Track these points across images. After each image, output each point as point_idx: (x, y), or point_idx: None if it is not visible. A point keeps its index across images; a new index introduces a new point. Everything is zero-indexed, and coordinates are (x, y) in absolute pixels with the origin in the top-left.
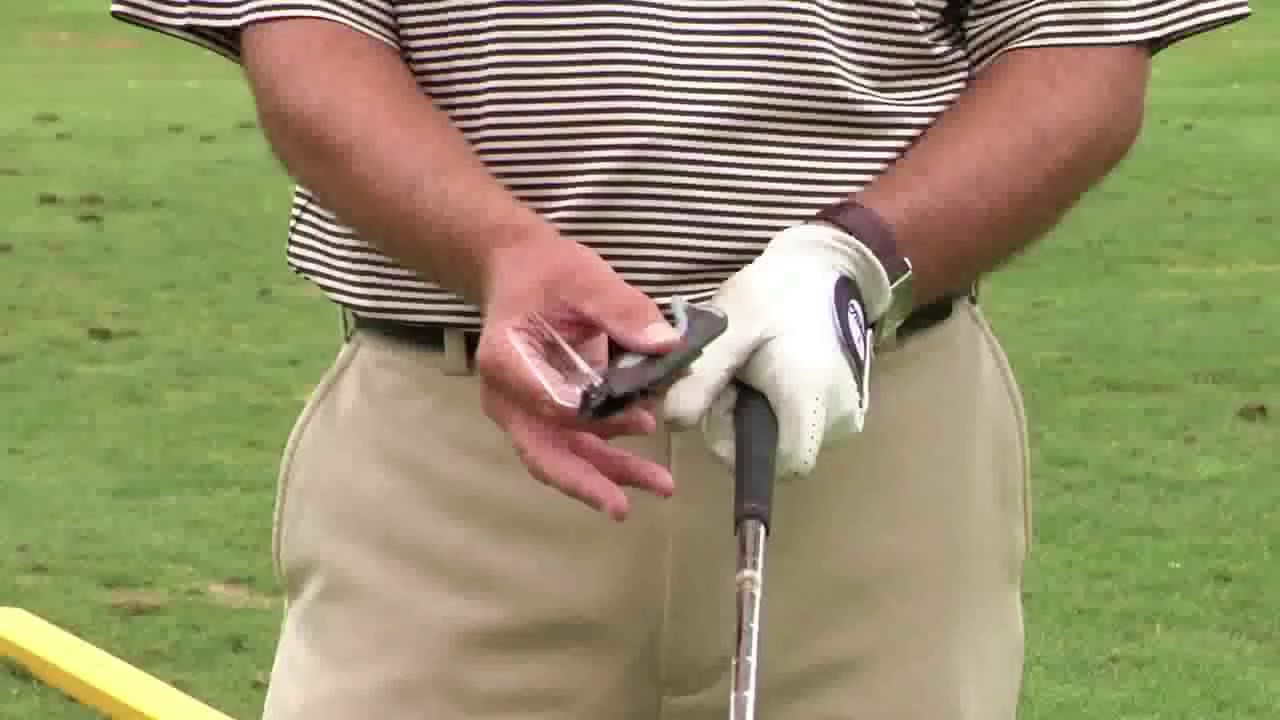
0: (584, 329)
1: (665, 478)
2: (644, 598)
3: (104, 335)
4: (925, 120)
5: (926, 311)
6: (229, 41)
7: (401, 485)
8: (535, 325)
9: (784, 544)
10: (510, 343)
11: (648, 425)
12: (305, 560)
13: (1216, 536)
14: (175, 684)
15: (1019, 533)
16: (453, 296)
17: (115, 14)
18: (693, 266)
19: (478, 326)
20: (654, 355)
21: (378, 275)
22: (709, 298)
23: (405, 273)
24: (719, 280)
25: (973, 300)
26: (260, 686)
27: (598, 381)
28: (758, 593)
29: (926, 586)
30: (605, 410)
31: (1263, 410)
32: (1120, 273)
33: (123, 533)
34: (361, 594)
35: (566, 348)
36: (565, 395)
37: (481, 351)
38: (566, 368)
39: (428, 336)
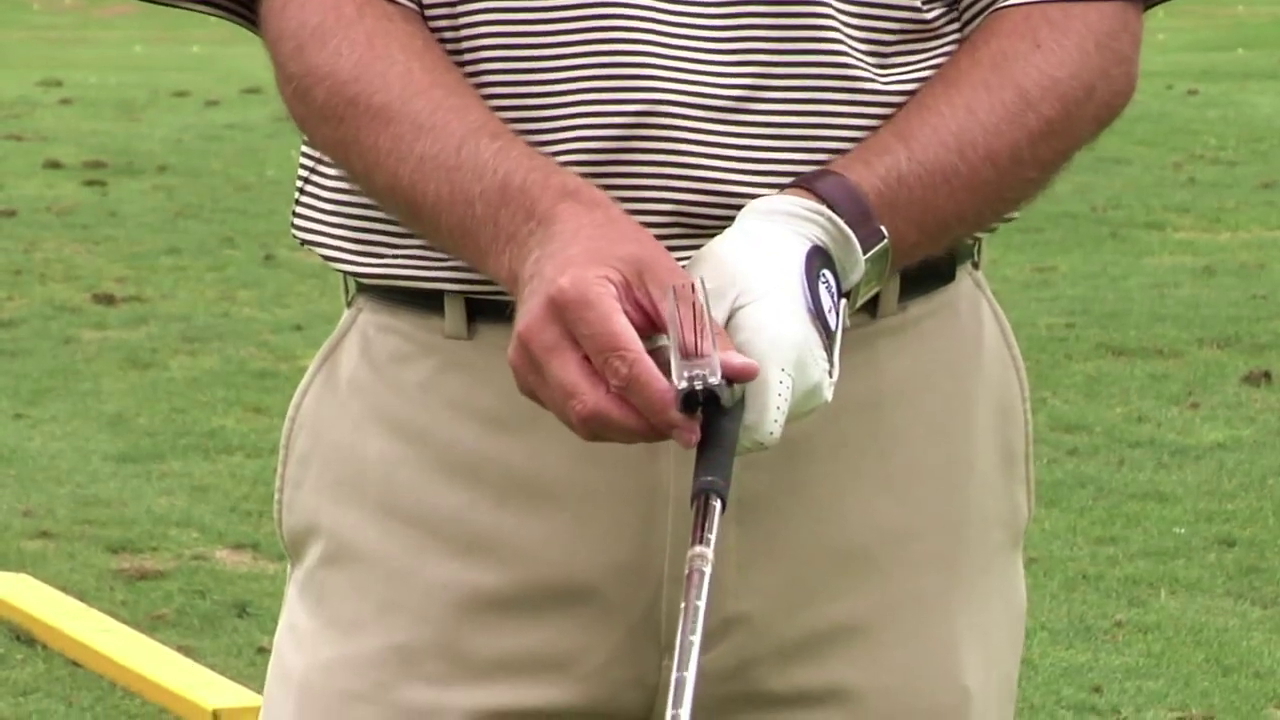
0: (645, 320)
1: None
2: (644, 562)
3: (108, 300)
4: (918, 86)
5: (929, 275)
6: (244, 10)
7: (402, 450)
8: (624, 289)
9: (784, 510)
10: (606, 286)
11: (693, 442)
12: (307, 526)
13: (1221, 502)
14: (180, 649)
15: (1021, 498)
16: (454, 263)
17: None
18: (689, 230)
19: (479, 292)
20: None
21: (379, 242)
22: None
23: (407, 239)
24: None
25: (975, 264)
26: (265, 652)
27: (714, 379)
28: (707, 570)
29: (928, 552)
30: (688, 406)
31: (1267, 376)
32: (1124, 238)
33: (127, 498)
34: (363, 559)
35: (669, 335)
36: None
37: (561, 281)
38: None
39: (428, 301)
